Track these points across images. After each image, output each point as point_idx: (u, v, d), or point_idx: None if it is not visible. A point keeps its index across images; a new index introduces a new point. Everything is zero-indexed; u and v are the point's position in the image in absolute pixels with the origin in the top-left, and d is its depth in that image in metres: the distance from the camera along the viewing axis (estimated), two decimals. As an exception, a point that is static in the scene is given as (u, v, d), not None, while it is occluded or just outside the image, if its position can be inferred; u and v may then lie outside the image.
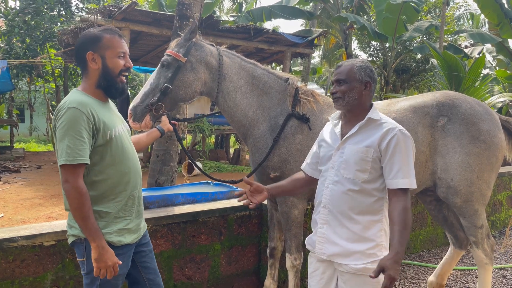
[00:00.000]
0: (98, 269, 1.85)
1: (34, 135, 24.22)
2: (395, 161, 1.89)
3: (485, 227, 3.01)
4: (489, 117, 2.96)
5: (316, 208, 2.10)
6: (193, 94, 2.84)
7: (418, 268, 4.37)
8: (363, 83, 1.99)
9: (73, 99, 1.86)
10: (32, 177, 8.96)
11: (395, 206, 1.87)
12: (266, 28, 10.48)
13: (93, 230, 1.82)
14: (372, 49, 17.67)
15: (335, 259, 1.97)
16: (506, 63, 12.59)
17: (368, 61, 2.08)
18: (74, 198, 1.79)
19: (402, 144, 1.90)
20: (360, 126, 1.99)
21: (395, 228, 1.82)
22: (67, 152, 1.78)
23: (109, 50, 1.95)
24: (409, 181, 1.88)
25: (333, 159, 2.04)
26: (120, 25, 8.41)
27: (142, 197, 2.18)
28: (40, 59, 12.85)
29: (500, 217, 5.75)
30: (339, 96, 2.01)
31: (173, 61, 2.74)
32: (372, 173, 1.94)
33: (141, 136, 2.50)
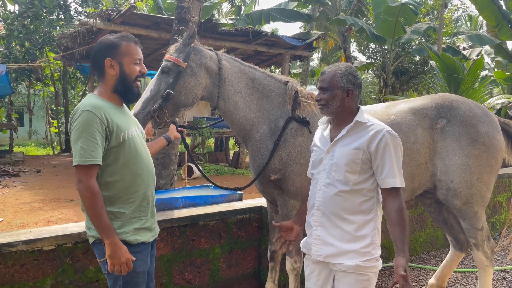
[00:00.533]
0: (112, 266, 1.91)
1: (33, 139, 24.22)
2: (385, 162, 1.96)
3: (485, 229, 3.01)
4: (488, 119, 2.97)
5: (310, 210, 2.14)
6: (195, 99, 2.84)
7: (418, 271, 4.36)
8: (345, 90, 2.04)
9: (88, 102, 1.93)
10: (32, 181, 8.94)
11: (390, 206, 1.95)
12: (265, 31, 10.51)
13: (106, 227, 1.88)
14: (370, 51, 17.71)
15: (331, 260, 2.02)
16: (504, 64, 12.62)
17: (352, 66, 2.12)
18: (86, 197, 1.86)
19: (390, 145, 1.97)
20: (349, 129, 2.05)
21: (396, 228, 1.90)
22: (80, 153, 1.85)
23: (127, 56, 2.02)
24: (399, 180, 1.96)
25: (324, 162, 2.09)
26: (119, 28, 8.42)
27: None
28: (39, 63, 12.87)
29: (500, 219, 5.74)
30: (323, 104, 2.07)
31: (173, 66, 2.73)
32: (362, 174, 2.00)
33: (150, 144, 2.52)
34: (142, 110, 2.66)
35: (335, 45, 19.40)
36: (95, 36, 9.36)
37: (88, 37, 9.14)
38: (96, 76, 2.15)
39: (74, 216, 5.69)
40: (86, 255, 2.77)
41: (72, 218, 5.60)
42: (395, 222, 1.90)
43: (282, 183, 2.87)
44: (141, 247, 2.04)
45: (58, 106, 18.07)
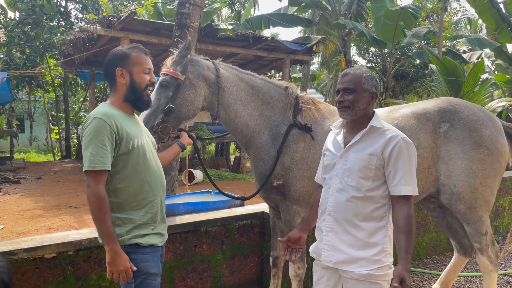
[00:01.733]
0: (111, 273, 1.93)
1: (34, 145, 24.22)
2: (398, 169, 1.92)
3: (490, 234, 2.98)
4: (491, 123, 2.95)
5: (321, 216, 2.11)
6: (196, 111, 2.82)
7: (422, 276, 4.33)
8: (370, 93, 2.02)
9: (100, 110, 2.00)
10: (32, 187, 8.93)
11: (399, 213, 1.90)
12: (265, 35, 10.54)
13: (107, 234, 1.90)
14: (371, 55, 17.72)
15: (341, 267, 1.98)
16: (504, 67, 12.62)
17: (371, 71, 2.11)
18: (92, 202, 1.89)
19: (404, 152, 1.93)
20: (363, 134, 2.01)
21: (401, 236, 1.86)
22: (90, 159, 1.89)
23: (137, 66, 2.09)
24: (412, 188, 1.92)
25: (337, 167, 2.05)
26: (119, 34, 8.45)
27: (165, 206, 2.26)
28: (39, 70, 12.89)
29: (503, 223, 5.71)
30: (347, 106, 2.01)
31: (171, 80, 2.71)
32: (375, 181, 1.96)
33: (162, 154, 2.56)
34: (145, 126, 2.64)
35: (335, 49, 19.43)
36: (96, 43, 9.39)
37: (88, 43, 9.16)
38: (108, 86, 2.22)
39: (76, 223, 5.67)
40: (87, 262, 2.75)
41: (73, 225, 5.58)
42: (401, 230, 1.87)
43: (285, 189, 2.86)
44: (152, 248, 2.08)
45: (59, 112, 18.09)
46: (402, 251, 1.83)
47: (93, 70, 12.75)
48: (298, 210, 2.88)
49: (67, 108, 16.98)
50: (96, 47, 9.59)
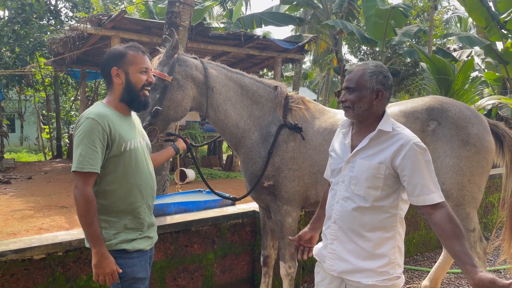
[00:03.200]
0: (97, 275, 1.91)
1: (25, 145, 24.01)
2: (417, 179, 1.75)
3: (477, 230, 3.02)
4: (478, 121, 2.98)
5: (326, 221, 2.01)
6: (184, 112, 2.78)
7: (412, 272, 4.37)
8: (374, 91, 1.84)
9: (93, 110, 1.96)
10: (23, 188, 8.85)
11: (438, 219, 1.73)
12: (256, 34, 10.51)
13: (94, 236, 1.88)
14: (362, 54, 17.79)
15: (346, 276, 1.89)
16: (494, 65, 12.75)
17: (383, 65, 1.91)
18: (80, 204, 1.87)
19: (420, 159, 1.76)
20: (371, 139, 1.85)
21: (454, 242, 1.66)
22: (78, 160, 1.87)
23: (132, 65, 2.04)
24: (437, 195, 1.75)
25: (343, 173, 1.93)
26: (110, 33, 8.38)
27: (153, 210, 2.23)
28: (29, 69, 12.75)
29: (492, 219, 5.78)
30: (348, 106, 1.88)
31: (158, 81, 2.64)
32: (384, 190, 1.82)
33: (155, 155, 2.53)
34: None
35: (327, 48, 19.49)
36: (86, 41, 9.31)
37: (78, 42, 9.08)
38: (105, 85, 2.19)
39: (66, 223, 5.63)
40: (77, 263, 2.74)
41: (64, 225, 5.55)
42: (450, 234, 1.67)
43: (275, 189, 2.86)
44: (139, 253, 2.05)
45: (50, 111, 17.94)
46: (464, 257, 1.61)
47: (83, 69, 12.64)
48: (289, 210, 2.88)
49: (58, 107, 16.85)
50: (87, 46, 9.51)
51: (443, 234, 1.70)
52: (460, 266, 1.64)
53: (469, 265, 1.59)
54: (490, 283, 1.50)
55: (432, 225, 1.77)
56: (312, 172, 2.88)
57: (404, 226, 1.94)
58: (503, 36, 11.64)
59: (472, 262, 1.59)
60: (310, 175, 2.87)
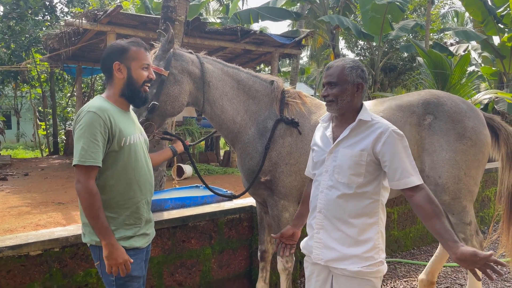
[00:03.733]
0: (110, 267, 1.91)
1: (21, 142, 23.92)
2: (397, 163, 1.85)
3: (474, 224, 3.03)
4: (473, 114, 2.99)
5: (312, 213, 2.07)
6: (181, 107, 2.76)
7: (409, 266, 4.39)
8: (355, 84, 1.95)
9: (94, 104, 1.95)
10: (19, 184, 8.82)
11: (419, 200, 1.82)
12: (253, 29, 10.48)
13: (102, 228, 1.88)
14: (359, 49, 17.78)
15: (332, 264, 1.94)
16: (491, 59, 12.76)
17: (358, 60, 2.02)
18: (84, 198, 1.86)
19: (398, 145, 1.87)
20: (352, 129, 1.95)
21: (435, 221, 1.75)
22: (80, 153, 1.85)
23: (135, 61, 2.04)
24: (416, 177, 1.86)
25: (326, 163, 2.00)
26: (105, 28, 8.34)
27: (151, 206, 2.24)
28: (25, 65, 12.68)
29: (489, 213, 5.81)
30: (331, 100, 1.96)
31: (155, 75, 2.61)
32: (366, 177, 1.91)
33: (153, 155, 2.52)
34: None
35: (324, 43, 19.45)
36: (82, 37, 9.26)
37: (74, 37, 9.03)
38: (105, 80, 2.16)
39: (63, 220, 5.62)
40: (74, 259, 2.73)
41: (61, 221, 5.54)
42: (431, 214, 1.77)
43: (272, 184, 2.85)
44: (135, 251, 2.04)
45: (46, 108, 17.86)
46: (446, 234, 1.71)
47: (79, 65, 12.59)
48: (286, 205, 2.88)
49: (54, 103, 16.78)
50: (82, 41, 9.46)
51: (424, 214, 1.80)
52: (443, 243, 1.72)
53: (451, 241, 1.69)
54: (472, 255, 1.60)
55: (413, 206, 1.86)
56: None
57: (385, 213, 2.01)
58: (499, 30, 11.64)
59: (453, 238, 1.69)
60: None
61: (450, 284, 3.95)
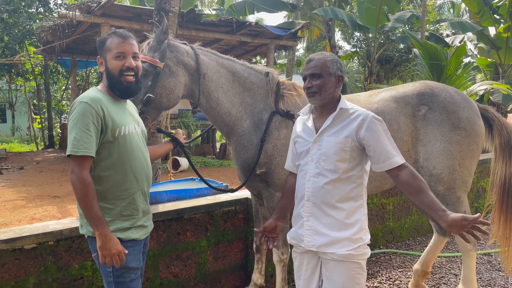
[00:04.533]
0: (103, 257, 1.91)
1: (16, 135, 23.80)
2: (380, 147, 1.96)
3: (468, 214, 3.04)
4: (468, 105, 2.99)
5: (299, 202, 2.12)
6: (176, 100, 2.72)
7: (404, 257, 4.42)
8: (336, 77, 2.04)
9: (87, 95, 1.96)
10: (15, 178, 8.79)
11: (405, 177, 1.93)
12: (248, 21, 10.40)
13: (95, 218, 1.88)
14: (355, 40, 17.74)
15: (324, 249, 2.00)
16: (486, 50, 12.76)
17: (335, 55, 2.13)
18: (78, 188, 1.86)
19: (379, 129, 1.98)
20: (334, 117, 2.03)
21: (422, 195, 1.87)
22: (73, 144, 1.86)
23: (109, 52, 2.04)
24: (399, 157, 1.97)
25: (312, 152, 2.06)
26: (99, 20, 8.26)
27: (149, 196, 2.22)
28: (19, 58, 12.56)
29: (483, 204, 5.84)
30: (315, 91, 2.03)
31: (150, 67, 2.57)
32: (351, 162, 2.00)
33: (155, 148, 2.53)
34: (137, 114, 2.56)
35: (320, 35, 19.38)
36: (75, 29, 9.18)
37: (68, 30, 8.95)
38: None
39: (59, 213, 5.61)
40: (69, 252, 2.73)
41: (56, 215, 5.53)
42: (418, 189, 1.89)
43: (268, 177, 2.85)
44: (132, 243, 2.04)
45: (40, 101, 17.74)
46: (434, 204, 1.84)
47: (74, 58, 12.50)
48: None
49: (49, 96, 16.66)
50: (76, 33, 9.38)
51: (412, 190, 1.92)
52: (433, 214, 1.85)
53: (440, 211, 1.82)
54: (462, 219, 1.75)
55: (400, 184, 1.97)
56: None
57: (367, 196, 2.13)
58: (495, 21, 11.64)
59: (441, 207, 1.83)
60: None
61: (445, 274, 3.98)
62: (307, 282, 2.10)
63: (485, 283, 3.79)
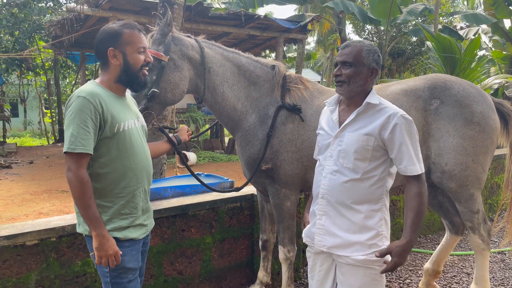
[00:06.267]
0: (100, 258, 1.85)
1: (28, 130, 24.04)
2: (403, 151, 1.82)
3: (481, 212, 2.94)
4: (482, 99, 2.87)
5: (315, 199, 2.03)
6: (181, 95, 2.64)
7: (415, 255, 4.31)
8: (370, 68, 1.89)
9: (85, 89, 1.87)
10: (24, 172, 8.84)
11: (409, 191, 1.85)
12: (257, 14, 10.28)
13: (93, 219, 1.82)
14: (366, 33, 17.48)
15: (335, 251, 1.91)
16: (501, 43, 12.46)
17: (374, 45, 1.96)
18: (75, 186, 1.80)
19: (406, 131, 1.83)
20: (359, 112, 1.90)
21: (408, 214, 1.82)
22: (70, 140, 1.78)
23: (130, 45, 1.94)
24: (419, 166, 1.85)
25: (331, 148, 1.95)
26: (107, 14, 8.22)
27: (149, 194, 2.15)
28: (29, 52, 12.62)
29: (497, 200, 5.69)
30: (343, 80, 1.89)
31: (154, 61, 2.46)
32: (372, 161, 1.87)
33: (158, 144, 2.45)
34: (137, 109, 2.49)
35: (330, 27, 19.14)
36: (84, 23, 9.16)
37: (76, 24, 8.92)
38: (100, 65, 2.06)
39: (66, 208, 5.61)
40: (71, 248, 2.69)
41: (64, 209, 5.53)
42: (409, 207, 1.82)
43: (274, 173, 2.77)
44: (130, 242, 1.97)
45: (51, 95, 17.85)
46: (406, 227, 1.79)
47: (83, 52, 12.49)
48: (287, 194, 2.80)
49: (59, 91, 16.76)
50: (85, 28, 9.36)
51: (405, 204, 1.85)
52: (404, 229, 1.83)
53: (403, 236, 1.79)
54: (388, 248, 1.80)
55: (405, 192, 1.88)
56: (311, 154, 2.78)
57: (389, 199, 1.98)
58: (510, 14, 11.33)
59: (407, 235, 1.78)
60: (309, 157, 2.77)
61: (457, 273, 3.88)
62: (321, 284, 2.02)
63: (498, 282, 3.68)
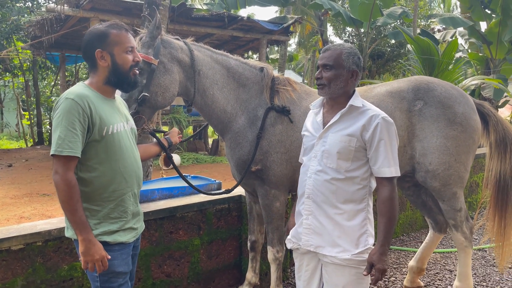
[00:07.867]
0: (86, 263, 1.83)
1: (5, 132, 23.44)
2: (380, 151, 1.87)
3: (464, 210, 3.02)
4: (464, 100, 2.96)
5: (300, 199, 2.06)
6: (172, 98, 2.62)
7: (398, 253, 4.40)
8: (350, 71, 1.94)
9: (73, 91, 1.84)
10: (3, 175, 8.63)
11: (380, 195, 1.90)
12: (240, 15, 10.30)
13: (79, 223, 1.79)
14: (347, 35, 17.71)
15: (321, 250, 1.94)
16: (478, 45, 12.79)
17: (355, 47, 2.02)
18: (62, 190, 1.77)
19: (386, 133, 1.87)
20: (342, 114, 1.94)
21: (380, 219, 1.86)
22: (57, 143, 1.76)
23: (117, 46, 1.92)
24: (394, 169, 1.88)
25: (316, 148, 2.00)
26: (88, 15, 8.12)
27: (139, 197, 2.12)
28: (6, 53, 12.32)
29: (477, 199, 5.85)
30: (324, 83, 1.94)
31: (144, 65, 2.45)
32: (354, 162, 1.91)
33: (148, 146, 2.42)
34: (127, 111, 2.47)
35: (312, 29, 19.32)
36: (64, 24, 9.02)
37: (56, 24, 8.78)
38: (88, 67, 2.03)
39: (48, 211, 5.51)
40: (57, 253, 2.65)
41: (46, 213, 5.42)
42: (381, 212, 1.87)
43: (263, 174, 2.79)
44: (120, 246, 1.95)
45: (29, 97, 17.45)
46: (380, 233, 1.84)
47: (63, 53, 12.30)
48: (277, 194, 2.83)
49: (38, 92, 16.39)
50: (65, 28, 9.21)
51: (378, 209, 1.89)
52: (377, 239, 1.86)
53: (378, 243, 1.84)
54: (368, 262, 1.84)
55: (378, 195, 1.92)
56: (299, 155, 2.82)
57: (372, 199, 2.03)
58: (486, 16, 11.65)
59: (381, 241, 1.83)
60: (297, 158, 2.79)
61: (440, 270, 3.97)
62: (307, 284, 2.04)
63: (480, 278, 3.78)
